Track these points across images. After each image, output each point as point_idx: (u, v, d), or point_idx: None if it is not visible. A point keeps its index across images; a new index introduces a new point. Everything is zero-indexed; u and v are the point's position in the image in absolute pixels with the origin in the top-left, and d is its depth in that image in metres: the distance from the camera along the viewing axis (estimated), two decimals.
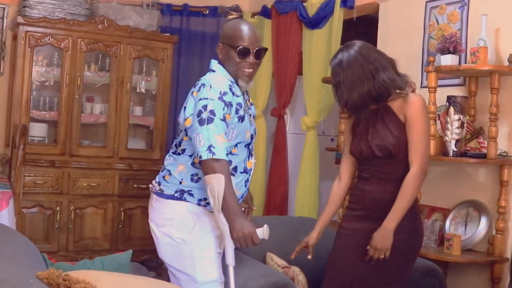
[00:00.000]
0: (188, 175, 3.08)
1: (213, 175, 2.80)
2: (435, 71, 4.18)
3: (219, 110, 2.92)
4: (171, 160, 3.17)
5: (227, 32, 3.13)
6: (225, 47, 3.10)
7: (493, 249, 4.09)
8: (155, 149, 6.15)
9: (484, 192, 4.29)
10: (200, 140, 2.86)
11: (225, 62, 3.12)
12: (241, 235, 2.81)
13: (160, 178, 3.19)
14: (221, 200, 2.80)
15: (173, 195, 3.09)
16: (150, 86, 6.23)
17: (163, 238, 3.11)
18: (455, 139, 4.04)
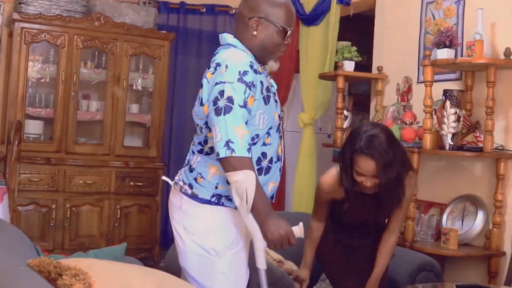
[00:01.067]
0: (223, 178, 2.63)
1: (241, 172, 2.44)
2: (431, 65, 4.17)
3: (239, 95, 2.48)
4: (199, 160, 2.71)
5: (270, 8, 2.66)
6: (267, 25, 2.65)
7: (490, 243, 4.07)
8: (152, 146, 6.13)
9: (481, 186, 4.28)
10: (217, 134, 2.46)
11: (256, 40, 2.66)
12: (277, 236, 2.50)
13: (190, 179, 2.73)
14: (252, 200, 2.47)
15: (210, 200, 2.67)
16: (147, 83, 6.21)
17: (193, 247, 2.67)
18: (451, 133, 4.03)
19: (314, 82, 5.65)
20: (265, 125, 2.63)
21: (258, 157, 2.66)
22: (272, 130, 2.68)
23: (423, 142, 4.16)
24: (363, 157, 2.94)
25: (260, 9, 2.66)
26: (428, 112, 4.13)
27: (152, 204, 6.05)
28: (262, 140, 2.66)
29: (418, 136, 4.36)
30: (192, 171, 2.73)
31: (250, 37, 2.66)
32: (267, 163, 2.68)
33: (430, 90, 4.15)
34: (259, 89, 2.58)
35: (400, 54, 5.06)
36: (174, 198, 2.78)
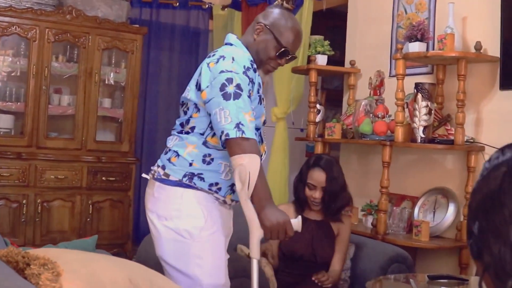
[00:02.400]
0: (200, 156, 2.66)
1: (246, 155, 2.44)
2: (403, 58, 4.19)
3: (245, 86, 2.54)
4: (176, 140, 2.74)
5: (280, 23, 2.72)
6: (268, 34, 2.72)
7: (461, 235, 4.11)
8: (124, 141, 6.09)
9: (452, 179, 4.31)
10: (226, 116, 2.48)
11: (253, 44, 2.74)
12: (276, 225, 2.47)
13: (164, 161, 2.75)
14: (253, 185, 2.44)
15: (181, 181, 2.66)
16: (119, 77, 6.16)
17: (167, 233, 2.66)
18: (423, 126, 4.05)
19: (287, 76, 5.65)
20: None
21: None
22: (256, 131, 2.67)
23: (395, 135, 4.18)
24: (316, 170, 3.51)
25: (270, 19, 2.74)
26: (400, 105, 4.15)
27: (125, 199, 6.01)
28: None
29: (390, 129, 4.38)
30: (167, 152, 2.76)
31: (250, 39, 2.76)
32: None
33: (402, 83, 4.17)
34: (256, 88, 2.65)
35: (372, 48, 5.07)
36: (149, 188, 2.80)
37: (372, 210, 4.52)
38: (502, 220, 1.08)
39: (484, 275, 1.14)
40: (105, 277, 1.93)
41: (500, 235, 1.08)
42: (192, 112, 2.70)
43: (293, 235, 2.55)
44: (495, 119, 4.07)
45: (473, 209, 1.17)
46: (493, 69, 4.07)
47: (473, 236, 1.15)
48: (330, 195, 3.50)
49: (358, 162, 5.13)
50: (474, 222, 1.15)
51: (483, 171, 1.18)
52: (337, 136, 4.76)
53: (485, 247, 1.12)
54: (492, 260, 1.10)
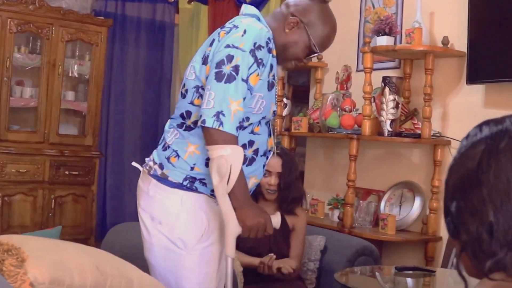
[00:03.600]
0: (202, 159, 2.39)
1: (228, 146, 2.21)
2: (371, 52, 4.19)
3: (244, 67, 2.25)
4: (176, 136, 2.45)
5: (320, 23, 2.45)
6: (303, 33, 2.43)
7: (426, 229, 4.12)
8: (88, 135, 6.00)
9: (419, 173, 4.33)
10: (210, 100, 2.21)
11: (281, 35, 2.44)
12: (256, 223, 2.30)
13: (162, 158, 2.45)
14: (234, 180, 2.23)
15: (181, 184, 2.40)
16: (83, 70, 6.07)
17: (159, 238, 2.42)
18: (390, 119, 4.06)
19: None
20: (260, 111, 2.39)
21: (243, 144, 2.39)
22: (263, 120, 2.45)
23: (362, 129, 4.18)
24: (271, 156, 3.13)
25: (308, 15, 2.44)
26: (367, 99, 4.16)
27: (88, 194, 5.93)
28: (251, 127, 2.41)
29: (357, 123, 4.38)
30: (166, 149, 2.46)
31: (280, 30, 2.44)
32: (252, 152, 2.43)
33: (369, 76, 4.17)
34: (267, 71, 2.36)
35: (339, 43, 5.01)
36: (142, 183, 2.51)
37: (338, 204, 4.52)
38: (479, 199, 1.07)
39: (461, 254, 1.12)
40: (72, 263, 1.88)
41: (477, 214, 1.07)
42: (193, 97, 2.38)
43: (271, 233, 2.43)
44: (462, 113, 4.10)
45: (450, 187, 1.15)
46: (460, 64, 4.09)
47: (450, 215, 1.14)
48: (285, 182, 3.43)
49: (325, 156, 5.12)
50: (451, 201, 1.13)
51: (461, 148, 1.16)
52: (303, 130, 4.75)
53: (462, 226, 1.10)
54: (469, 239, 1.09)
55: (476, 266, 1.10)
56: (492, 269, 1.06)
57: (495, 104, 3.89)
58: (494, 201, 1.05)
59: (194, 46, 6.41)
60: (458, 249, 1.13)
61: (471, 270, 1.12)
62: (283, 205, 3.48)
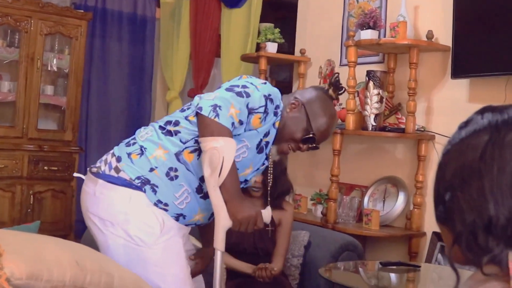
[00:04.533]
0: (166, 167, 2.37)
1: (221, 138, 2.19)
2: (355, 46, 4.15)
3: (254, 100, 2.32)
4: (151, 135, 2.43)
5: (319, 107, 2.52)
6: (302, 113, 2.50)
7: (410, 224, 4.10)
8: (67, 130, 5.90)
9: (402, 168, 4.30)
10: (210, 94, 2.29)
11: (283, 116, 2.49)
12: (246, 217, 2.28)
13: (123, 153, 2.42)
14: (226, 172, 2.21)
15: (131, 181, 2.35)
16: (63, 64, 5.96)
17: (115, 239, 2.32)
18: (374, 114, 4.03)
19: (235, 65, 5.57)
20: (238, 159, 2.38)
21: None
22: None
23: (346, 123, 4.14)
24: None
25: (310, 99, 2.53)
26: (351, 93, 4.12)
27: (67, 190, 5.83)
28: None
29: (340, 118, 4.33)
30: (130, 145, 2.44)
31: (283, 111, 2.50)
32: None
33: (353, 70, 4.13)
34: (265, 128, 2.42)
35: (323, 37, 5.03)
36: (87, 187, 2.45)
37: (321, 199, 4.48)
38: (480, 192, 1.03)
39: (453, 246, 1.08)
40: (50, 258, 1.82)
41: (476, 207, 1.03)
42: (190, 113, 2.41)
43: (262, 227, 2.40)
44: (446, 108, 4.07)
45: (446, 176, 1.10)
46: (444, 58, 4.07)
47: (443, 203, 1.09)
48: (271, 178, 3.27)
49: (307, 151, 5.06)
50: (446, 190, 1.09)
51: (459, 134, 1.12)
52: None
53: (457, 217, 1.06)
54: (465, 231, 1.04)
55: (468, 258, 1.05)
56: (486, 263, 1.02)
57: (480, 98, 3.87)
58: (495, 195, 1.00)
59: (175, 41, 6.35)
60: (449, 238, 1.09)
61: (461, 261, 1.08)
62: (270, 200, 3.39)
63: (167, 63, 6.45)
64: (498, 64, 3.63)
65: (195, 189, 2.42)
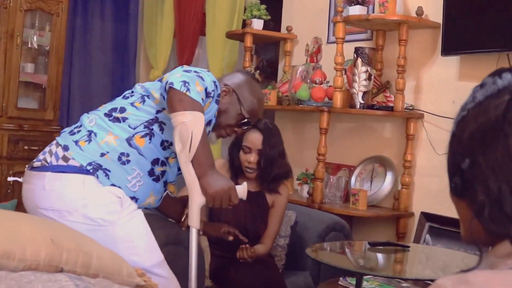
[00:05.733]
0: (117, 152, 2.36)
1: (190, 113, 2.20)
2: (343, 22, 4.04)
3: (209, 86, 2.33)
4: (98, 122, 2.42)
5: (248, 89, 2.61)
6: (233, 99, 2.57)
7: (398, 204, 4.02)
8: (48, 109, 5.78)
9: (390, 148, 4.22)
10: (176, 73, 2.30)
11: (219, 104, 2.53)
12: (220, 192, 2.25)
13: (69, 141, 2.37)
14: (196, 147, 2.19)
15: (82, 167, 2.32)
16: (43, 41, 5.83)
17: (76, 226, 2.21)
18: (362, 91, 3.94)
19: (221, 43, 5.45)
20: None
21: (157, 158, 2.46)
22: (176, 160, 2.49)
23: (333, 101, 4.05)
24: (252, 131, 3.15)
25: (239, 86, 2.60)
26: (339, 70, 4.02)
27: None
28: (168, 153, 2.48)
29: (327, 96, 4.25)
30: (75, 133, 2.41)
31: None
32: (159, 171, 2.48)
33: (341, 47, 4.03)
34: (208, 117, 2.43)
35: (310, 14, 4.92)
36: (32, 184, 2.37)
37: (308, 179, 4.39)
38: (505, 154, 0.95)
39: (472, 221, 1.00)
40: (23, 236, 1.72)
41: (501, 171, 0.95)
42: (136, 100, 2.47)
43: (237, 203, 2.37)
44: (435, 86, 3.99)
45: (464, 141, 1.02)
46: (434, 35, 3.98)
47: (460, 172, 1.01)
48: (266, 160, 3.17)
49: (293, 130, 4.98)
50: (464, 157, 1.01)
51: (474, 97, 1.04)
52: (272, 103, 4.60)
53: (479, 185, 0.98)
54: (488, 200, 0.96)
55: (490, 232, 0.97)
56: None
57: (470, 76, 3.78)
58: None
59: (159, 19, 6.21)
60: (467, 213, 1.01)
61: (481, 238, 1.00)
62: (264, 183, 3.28)
63: (150, 41, 6.32)
64: (490, 41, 3.55)
65: (148, 172, 2.44)
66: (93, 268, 1.84)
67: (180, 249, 2.91)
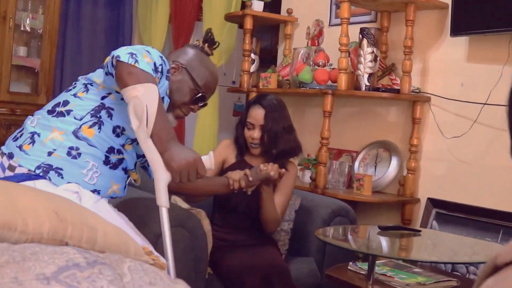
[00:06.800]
0: (65, 147, 2.22)
1: (141, 85, 2.06)
2: (348, 1, 3.92)
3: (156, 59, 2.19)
4: (40, 120, 2.29)
5: (199, 63, 2.54)
6: (185, 75, 2.51)
7: (404, 190, 3.91)
8: (41, 93, 5.64)
9: (395, 132, 4.11)
10: (122, 48, 2.17)
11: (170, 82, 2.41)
12: (185, 165, 2.10)
13: (13, 148, 2.25)
14: (153, 120, 2.06)
15: (31, 173, 2.18)
16: (36, 24, 5.67)
17: None
18: (367, 73, 3.82)
19: (219, 26, 5.31)
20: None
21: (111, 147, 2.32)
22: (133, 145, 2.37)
23: (338, 83, 3.93)
24: (255, 107, 3.14)
25: (188, 59, 2.54)
26: (344, 51, 3.90)
27: None
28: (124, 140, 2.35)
29: (331, 79, 4.13)
30: (17, 139, 2.28)
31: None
32: (122, 167, 2.37)
33: (346, 27, 3.91)
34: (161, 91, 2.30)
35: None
36: None
37: (309, 164, 4.28)
38: None
39: None
40: (25, 207, 1.59)
41: None
42: (78, 90, 2.35)
43: (206, 174, 2.24)
44: (443, 68, 3.88)
45: None
46: (441, 16, 3.87)
47: None
48: (269, 135, 3.08)
49: (294, 115, 4.78)
50: None
51: None
52: (272, 87, 4.48)
53: None
54: None
55: None
56: None
57: (479, 58, 3.68)
58: None
59: (154, 2, 6.07)
60: None
61: None
62: (269, 159, 3.13)
63: (145, 25, 6.18)
64: (500, 21, 3.43)
65: (103, 162, 2.31)
66: (98, 245, 1.72)
67: (182, 232, 2.80)
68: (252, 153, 3.17)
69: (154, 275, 1.41)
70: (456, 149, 3.76)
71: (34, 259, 1.30)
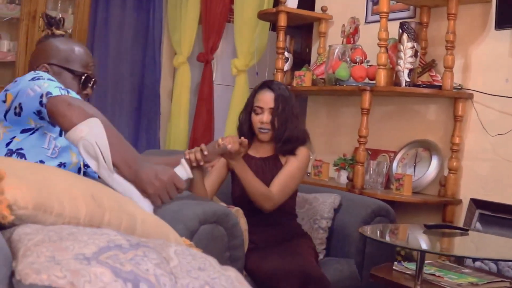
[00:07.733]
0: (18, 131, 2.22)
1: (83, 124, 1.94)
2: None
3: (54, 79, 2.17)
4: None
5: (57, 53, 2.43)
6: (55, 70, 2.40)
7: (445, 191, 3.75)
8: None
9: (435, 131, 3.96)
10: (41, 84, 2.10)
11: None
12: (160, 185, 2.00)
13: None
14: (108, 154, 1.93)
15: None
16: (66, 24, 5.57)
17: None
18: (408, 69, 3.68)
19: (251, 25, 5.22)
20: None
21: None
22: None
23: (377, 79, 3.79)
24: (263, 91, 3.06)
25: (49, 56, 2.42)
26: (383, 46, 3.76)
27: None
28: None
29: (368, 76, 3.99)
30: None
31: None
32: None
33: (385, 22, 3.77)
34: None
35: None
36: None
37: (346, 164, 4.14)
38: None
39: None
40: (61, 190, 1.48)
41: None
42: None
43: (185, 187, 2.13)
44: (485, 64, 3.73)
45: None
46: (484, 10, 3.73)
47: None
48: (280, 118, 2.98)
49: (328, 115, 4.72)
50: None
51: None
52: (307, 85, 4.35)
53: None
54: None
55: None
56: None
57: None
58: None
59: (183, 5, 5.98)
60: None
61: None
62: (278, 145, 3.03)
63: (174, 25, 6.08)
64: None
65: (58, 132, 2.29)
66: (138, 233, 1.61)
67: (218, 229, 2.67)
68: (261, 139, 3.05)
69: (203, 260, 1.29)
70: (501, 148, 3.60)
71: (72, 239, 1.19)
